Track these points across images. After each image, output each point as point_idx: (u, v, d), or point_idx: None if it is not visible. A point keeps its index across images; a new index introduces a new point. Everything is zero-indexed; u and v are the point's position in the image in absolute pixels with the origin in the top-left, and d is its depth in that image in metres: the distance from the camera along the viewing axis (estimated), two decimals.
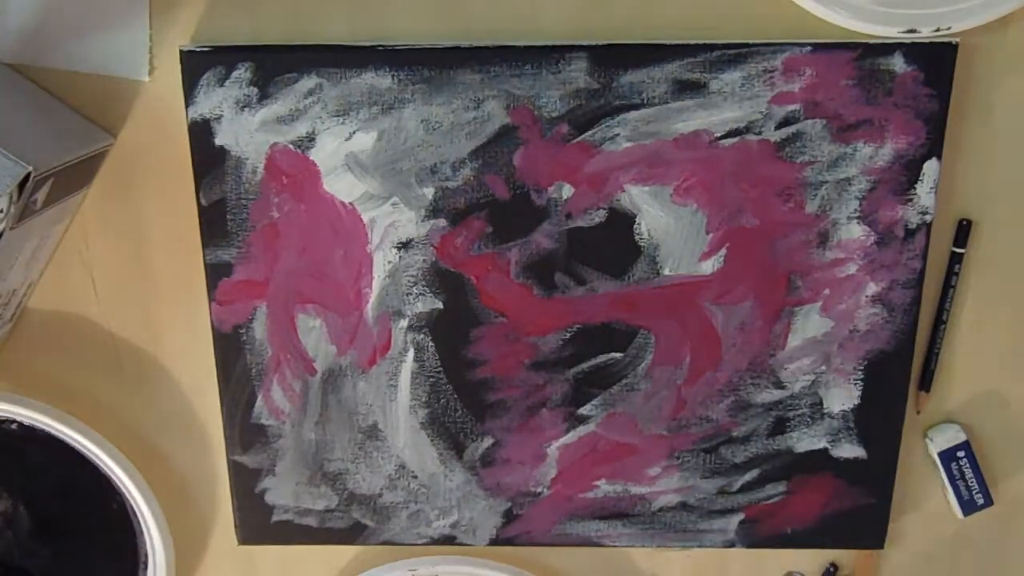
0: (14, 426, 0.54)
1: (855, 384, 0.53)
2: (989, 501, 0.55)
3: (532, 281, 0.51)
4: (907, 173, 0.49)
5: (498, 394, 0.53)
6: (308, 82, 0.48)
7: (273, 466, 0.55)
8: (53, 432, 0.54)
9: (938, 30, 0.47)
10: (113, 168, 0.52)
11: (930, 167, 0.49)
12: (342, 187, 0.50)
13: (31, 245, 0.48)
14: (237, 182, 0.50)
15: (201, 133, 0.49)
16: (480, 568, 0.57)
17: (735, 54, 0.47)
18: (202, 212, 0.50)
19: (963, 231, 0.51)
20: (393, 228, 0.50)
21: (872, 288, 0.51)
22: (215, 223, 0.51)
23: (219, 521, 0.58)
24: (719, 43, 0.47)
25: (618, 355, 0.52)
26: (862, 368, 0.52)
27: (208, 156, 0.49)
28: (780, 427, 0.54)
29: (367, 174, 0.50)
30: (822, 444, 0.54)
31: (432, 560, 0.57)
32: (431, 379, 0.53)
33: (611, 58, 0.47)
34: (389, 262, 0.51)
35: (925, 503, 0.57)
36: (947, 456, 0.54)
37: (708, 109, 0.48)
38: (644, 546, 0.57)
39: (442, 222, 0.50)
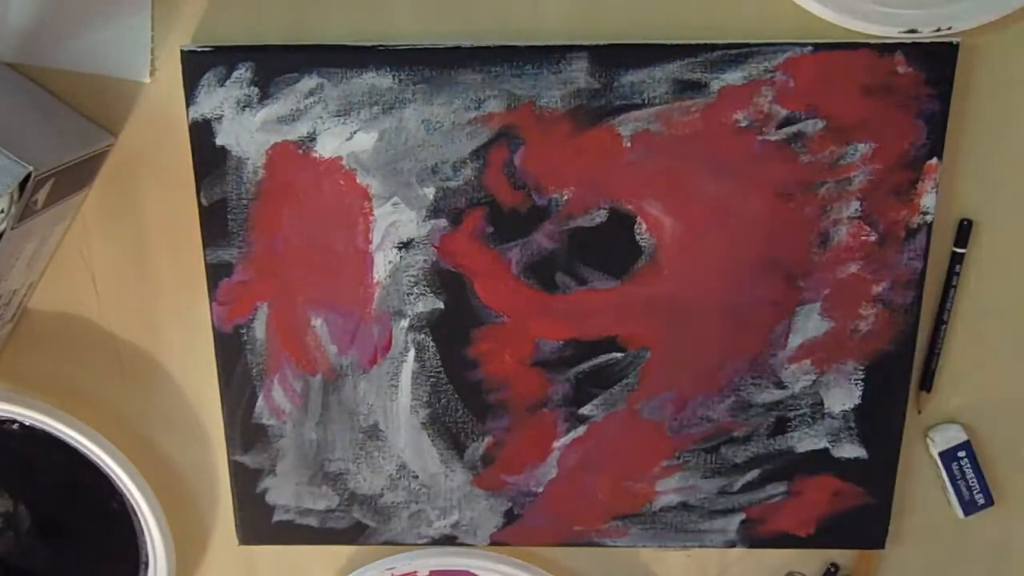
0: (15, 426, 0.54)
1: (856, 384, 0.53)
2: (990, 501, 0.55)
3: (533, 281, 0.51)
4: (907, 173, 0.49)
5: (499, 394, 0.53)
6: (309, 82, 0.48)
7: (274, 466, 0.55)
8: (53, 432, 0.54)
9: (939, 30, 0.47)
10: (114, 168, 0.52)
11: (930, 167, 0.49)
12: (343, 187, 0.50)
13: (32, 245, 0.48)
14: (238, 182, 0.50)
15: (202, 133, 0.49)
16: (457, 557, 0.57)
17: (736, 54, 0.47)
18: (203, 212, 0.50)
19: (964, 231, 0.51)
20: (394, 228, 0.51)
21: (873, 288, 0.51)
22: (216, 223, 0.51)
23: (219, 521, 0.58)
24: (720, 43, 0.47)
25: (619, 355, 0.52)
26: (863, 368, 0.52)
27: (209, 156, 0.49)
28: (781, 427, 0.54)
29: (368, 174, 0.50)
30: (823, 444, 0.54)
31: (410, 555, 0.57)
32: (432, 379, 0.53)
33: (612, 58, 0.47)
34: (390, 262, 0.51)
35: (926, 503, 0.57)
36: (948, 456, 0.54)
37: (709, 109, 0.48)
38: (645, 546, 0.57)
39: (443, 222, 0.50)
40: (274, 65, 0.48)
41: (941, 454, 0.55)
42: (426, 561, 0.57)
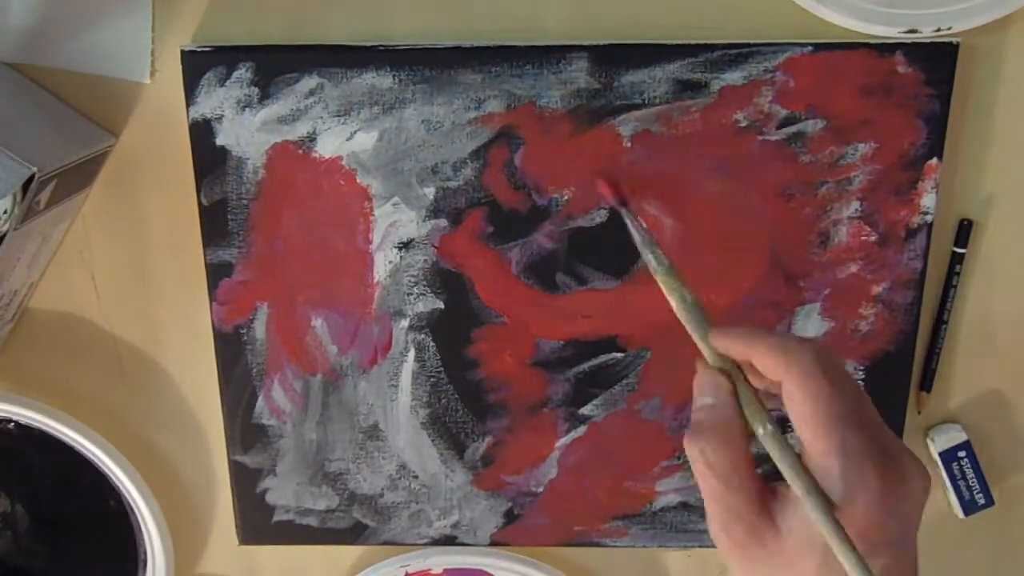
0: (11, 426, 0.54)
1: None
2: (990, 501, 0.55)
3: (533, 281, 0.51)
4: (907, 173, 0.49)
5: (499, 394, 0.53)
6: (309, 82, 0.48)
7: (274, 466, 0.55)
8: (50, 431, 0.54)
9: (939, 30, 0.47)
10: (114, 168, 0.52)
11: (930, 167, 0.49)
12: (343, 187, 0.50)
13: (33, 245, 0.48)
14: (238, 182, 0.50)
15: (202, 133, 0.49)
16: (472, 555, 0.57)
17: (736, 54, 0.47)
18: (203, 212, 0.50)
19: (964, 231, 0.51)
20: (394, 228, 0.51)
21: (873, 288, 0.51)
22: (216, 223, 0.51)
23: (219, 521, 0.58)
24: (720, 43, 0.47)
25: (619, 355, 0.52)
26: (863, 368, 0.52)
27: (209, 156, 0.49)
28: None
29: (368, 174, 0.50)
30: None
31: (423, 553, 0.57)
32: (432, 379, 0.53)
33: (612, 58, 0.47)
34: (390, 262, 0.51)
35: (926, 503, 0.57)
36: (948, 456, 0.54)
37: (709, 109, 0.48)
38: (645, 546, 0.57)
39: (443, 222, 0.50)
40: (274, 65, 0.48)
41: (941, 454, 0.54)
42: (440, 559, 0.57)
